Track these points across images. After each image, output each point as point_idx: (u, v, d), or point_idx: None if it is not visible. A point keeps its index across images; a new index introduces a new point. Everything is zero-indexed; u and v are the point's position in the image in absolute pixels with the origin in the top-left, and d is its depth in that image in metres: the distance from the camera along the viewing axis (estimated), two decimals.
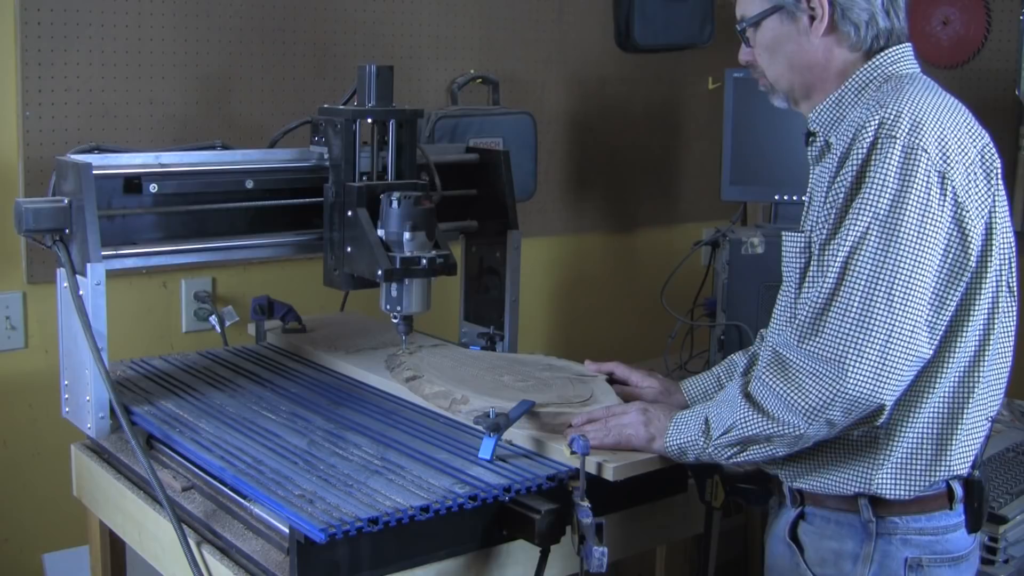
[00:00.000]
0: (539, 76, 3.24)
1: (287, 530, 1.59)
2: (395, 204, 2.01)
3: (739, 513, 2.91)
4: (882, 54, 1.70)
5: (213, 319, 2.66)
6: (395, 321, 2.09)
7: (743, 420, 1.62)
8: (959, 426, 1.64)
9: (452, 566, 1.68)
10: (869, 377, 1.52)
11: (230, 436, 1.87)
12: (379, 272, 2.00)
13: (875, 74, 1.69)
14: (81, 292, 1.91)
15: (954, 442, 1.64)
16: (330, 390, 2.13)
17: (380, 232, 2.04)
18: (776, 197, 2.86)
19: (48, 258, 2.46)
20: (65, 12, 2.45)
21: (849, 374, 1.52)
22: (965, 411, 1.64)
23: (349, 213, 2.08)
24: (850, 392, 1.53)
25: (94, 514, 2.16)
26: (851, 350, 1.53)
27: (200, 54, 2.64)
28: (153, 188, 2.03)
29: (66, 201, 1.92)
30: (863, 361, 1.52)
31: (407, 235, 2.01)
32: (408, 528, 1.58)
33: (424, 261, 2.01)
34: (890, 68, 1.69)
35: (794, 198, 2.82)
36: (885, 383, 1.53)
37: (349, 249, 2.08)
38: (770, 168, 2.84)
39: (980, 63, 3.47)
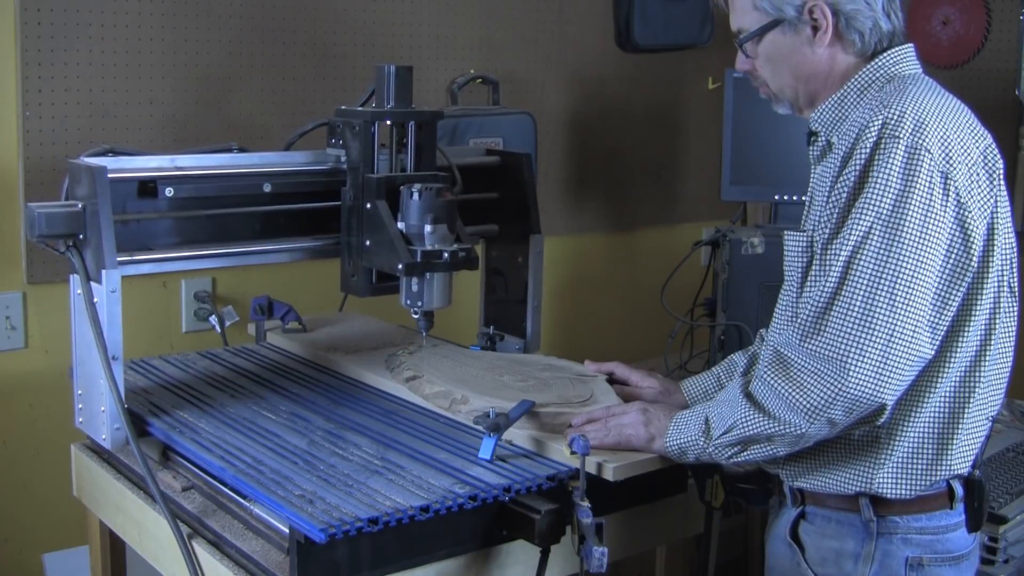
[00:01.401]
0: (539, 76, 3.24)
1: (287, 530, 1.59)
2: (415, 196, 1.96)
3: (739, 513, 2.91)
4: (884, 55, 1.70)
5: (213, 319, 2.65)
6: (415, 317, 2.05)
7: (744, 420, 1.62)
8: (960, 426, 1.65)
9: (452, 566, 1.68)
10: (871, 377, 1.52)
11: (230, 436, 1.87)
12: (399, 266, 1.95)
13: (877, 75, 1.69)
14: (96, 300, 1.86)
15: (955, 442, 1.65)
16: (330, 390, 2.13)
17: (400, 225, 1.98)
18: (776, 197, 2.85)
19: (48, 258, 2.47)
20: (65, 12, 2.45)
21: (851, 374, 1.53)
22: (966, 411, 1.64)
23: (368, 206, 2.02)
24: (852, 392, 1.53)
25: (94, 514, 2.16)
26: (853, 349, 1.53)
27: (200, 54, 2.64)
28: (169, 192, 1.97)
29: (80, 205, 1.86)
30: (865, 361, 1.52)
31: (428, 228, 1.95)
32: (408, 528, 1.58)
33: (446, 255, 1.96)
34: (892, 68, 1.69)
35: (794, 198, 2.82)
36: (887, 383, 1.53)
37: (368, 243, 2.02)
38: (770, 168, 2.84)
39: (980, 63, 3.47)
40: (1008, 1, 3.45)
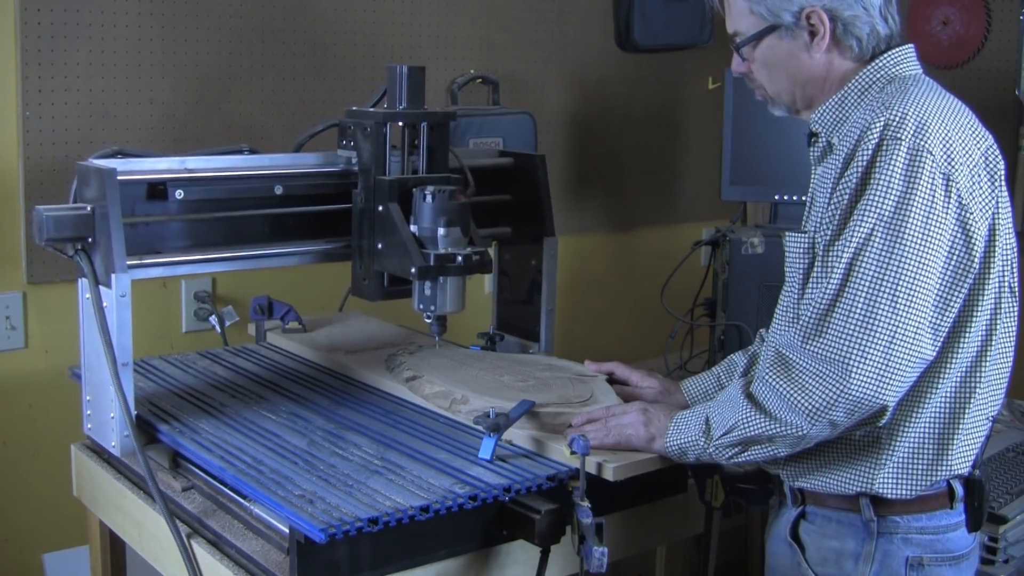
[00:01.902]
0: (539, 76, 3.24)
1: (287, 530, 1.59)
2: (429, 198, 1.92)
3: (739, 513, 2.91)
4: (885, 55, 1.69)
5: (213, 319, 2.66)
6: (428, 321, 2.01)
7: (745, 420, 1.62)
8: (960, 426, 1.65)
9: (452, 566, 1.68)
10: (872, 378, 1.52)
11: (230, 436, 1.87)
12: (412, 270, 1.91)
13: (878, 75, 1.69)
14: (105, 304, 1.82)
15: (955, 442, 1.65)
16: (330, 390, 2.13)
17: (412, 228, 1.95)
18: (776, 197, 2.85)
19: (48, 258, 2.47)
20: (65, 12, 2.45)
21: (853, 375, 1.52)
22: (966, 411, 1.65)
23: (380, 208, 1.98)
24: (853, 393, 1.53)
25: (94, 514, 2.16)
26: (855, 351, 1.53)
27: (200, 54, 2.64)
28: (179, 194, 1.92)
29: (89, 208, 1.82)
30: (867, 362, 1.52)
31: (441, 231, 1.92)
32: (408, 528, 1.58)
33: (460, 258, 1.93)
34: (893, 69, 1.69)
35: (794, 198, 2.82)
36: (888, 384, 1.53)
37: (380, 246, 1.99)
38: (770, 168, 2.84)
39: (980, 63, 3.47)
40: (1008, 1, 3.45)
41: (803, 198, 1.77)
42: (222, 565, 1.68)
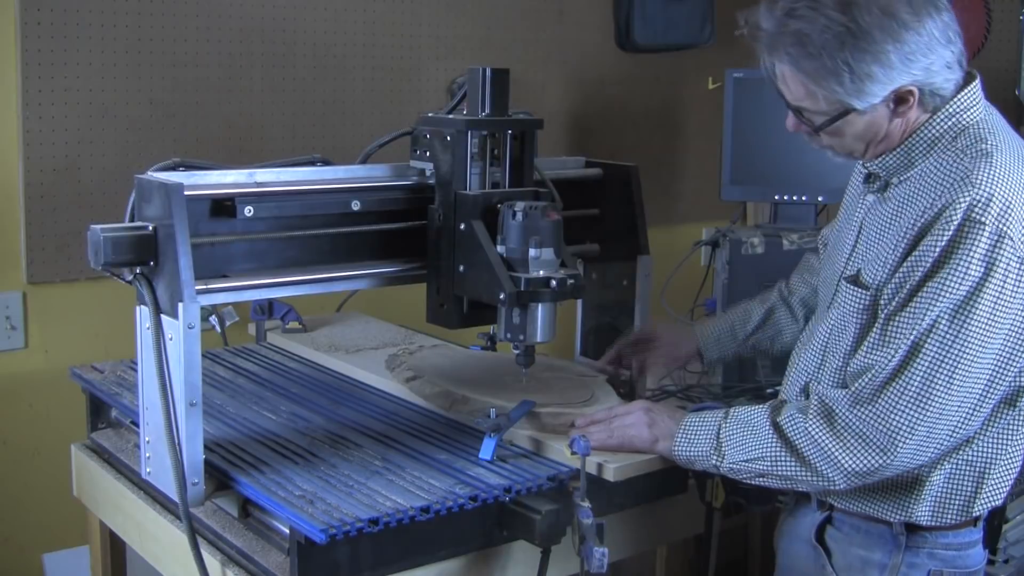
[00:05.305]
0: (539, 76, 3.24)
1: (287, 530, 1.59)
2: (519, 216, 1.75)
3: (739, 513, 2.90)
4: (951, 103, 1.62)
5: (213, 319, 2.65)
6: (516, 352, 1.85)
7: (773, 457, 1.63)
8: (998, 462, 1.65)
9: (452, 567, 1.68)
10: (914, 451, 1.56)
11: (230, 436, 1.86)
12: (502, 295, 1.72)
13: (947, 125, 1.62)
14: (170, 337, 1.63)
15: (992, 477, 1.66)
16: (330, 390, 2.13)
17: (499, 249, 1.77)
18: (776, 197, 2.85)
19: (48, 258, 2.47)
20: (65, 12, 2.45)
21: (899, 449, 1.55)
22: (1007, 449, 1.65)
23: (462, 226, 1.80)
24: (895, 466, 1.57)
25: (94, 514, 2.16)
26: (904, 426, 1.55)
27: (200, 54, 2.64)
28: (249, 212, 1.71)
29: (151, 228, 1.64)
30: (913, 438, 1.55)
31: (533, 252, 1.74)
32: (408, 528, 1.58)
33: (554, 282, 1.74)
34: (963, 116, 1.63)
35: (794, 198, 2.81)
36: (925, 455, 1.57)
37: (461, 268, 1.80)
38: (770, 168, 2.84)
39: (980, 63, 3.45)
40: (1008, 1, 3.44)
41: (803, 198, 1.76)
42: (223, 565, 1.68)
